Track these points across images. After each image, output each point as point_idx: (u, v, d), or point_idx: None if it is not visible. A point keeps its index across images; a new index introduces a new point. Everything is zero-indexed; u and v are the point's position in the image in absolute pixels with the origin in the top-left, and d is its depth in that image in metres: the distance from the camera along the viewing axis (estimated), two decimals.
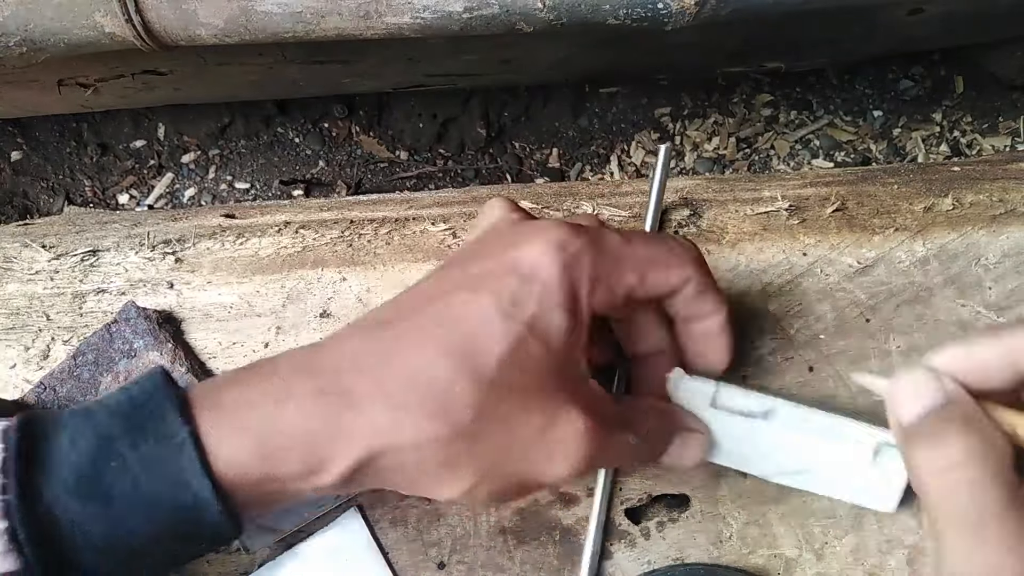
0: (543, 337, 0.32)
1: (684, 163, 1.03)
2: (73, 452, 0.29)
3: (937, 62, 1.05)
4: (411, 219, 0.47)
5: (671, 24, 0.49)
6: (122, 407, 0.30)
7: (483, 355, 0.31)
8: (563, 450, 0.33)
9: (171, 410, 0.30)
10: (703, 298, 0.37)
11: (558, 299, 0.33)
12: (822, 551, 0.43)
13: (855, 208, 0.47)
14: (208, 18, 0.48)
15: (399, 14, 0.48)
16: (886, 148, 1.03)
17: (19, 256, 0.46)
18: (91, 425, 0.30)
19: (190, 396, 0.31)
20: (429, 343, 0.32)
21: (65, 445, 0.29)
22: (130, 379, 0.43)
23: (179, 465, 0.29)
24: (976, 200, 0.47)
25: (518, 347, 0.32)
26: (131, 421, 0.30)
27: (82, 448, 0.29)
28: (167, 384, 0.31)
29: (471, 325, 0.32)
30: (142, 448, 0.29)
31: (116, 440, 0.29)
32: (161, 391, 0.31)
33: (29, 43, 0.48)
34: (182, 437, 0.29)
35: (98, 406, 0.31)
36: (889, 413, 0.34)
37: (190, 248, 0.46)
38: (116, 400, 0.31)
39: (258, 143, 1.02)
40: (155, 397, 0.31)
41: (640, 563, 0.43)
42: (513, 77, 0.93)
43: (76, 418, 0.30)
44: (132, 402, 0.31)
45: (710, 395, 0.39)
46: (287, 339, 0.44)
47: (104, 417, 0.30)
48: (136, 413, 0.30)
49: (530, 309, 0.32)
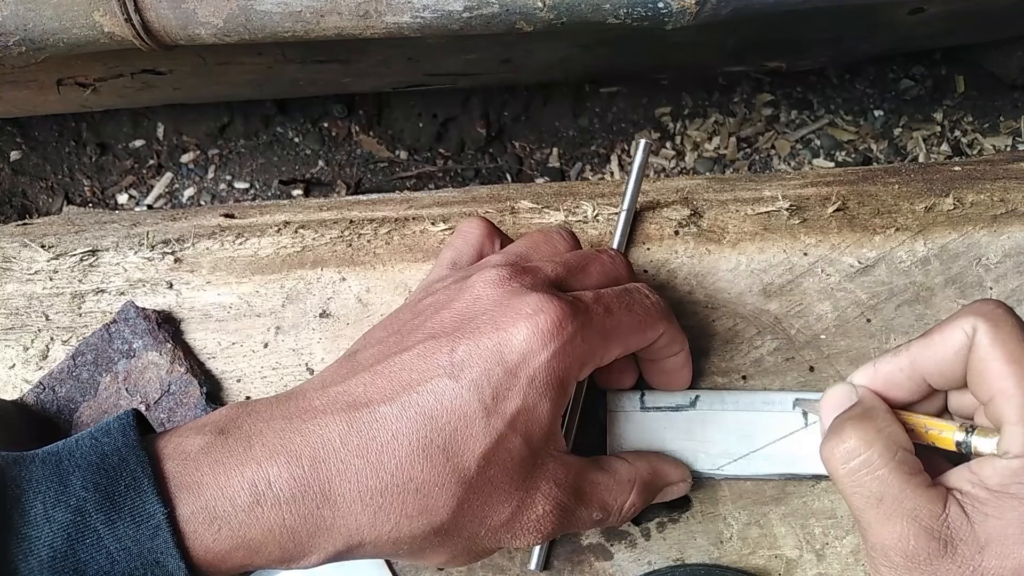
0: (524, 432, 0.33)
1: (685, 163, 1.03)
2: (48, 525, 0.29)
3: (938, 61, 1.05)
4: (411, 219, 0.47)
5: (671, 23, 0.49)
6: (95, 471, 0.30)
7: (464, 454, 0.32)
8: (525, 530, 0.34)
9: (147, 486, 0.29)
10: (672, 343, 0.39)
11: (543, 390, 0.33)
12: (823, 551, 0.43)
13: (856, 208, 0.47)
14: (207, 17, 0.48)
15: (399, 13, 0.48)
16: (887, 148, 1.03)
17: (18, 256, 0.46)
18: (66, 496, 0.29)
19: (164, 469, 0.30)
20: (410, 438, 0.31)
21: (40, 515, 0.29)
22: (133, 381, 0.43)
23: (155, 546, 0.29)
24: (977, 200, 0.47)
25: (498, 445, 0.32)
26: (104, 492, 0.29)
27: (57, 521, 0.29)
28: (139, 443, 0.31)
29: (453, 422, 0.32)
30: (118, 527, 0.29)
31: (91, 515, 0.29)
32: (134, 453, 0.30)
33: (28, 42, 0.48)
34: (159, 520, 0.29)
35: (70, 461, 0.30)
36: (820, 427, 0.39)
37: (189, 248, 0.46)
38: (88, 460, 0.30)
39: (257, 143, 1.02)
40: (129, 463, 0.30)
41: (641, 564, 0.42)
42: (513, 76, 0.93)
43: (51, 482, 0.29)
44: (105, 466, 0.30)
45: (637, 400, 0.42)
46: (287, 339, 0.44)
47: (79, 485, 0.29)
48: (111, 484, 0.29)
49: (513, 404, 0.32)
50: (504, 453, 0.33)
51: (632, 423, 0.42)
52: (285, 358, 0.44)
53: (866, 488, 0.34)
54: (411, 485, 0.31)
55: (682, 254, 0.45)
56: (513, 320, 0.33)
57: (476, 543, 0.34)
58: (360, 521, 0.31)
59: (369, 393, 0.32)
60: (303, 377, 0.44)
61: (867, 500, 0.34)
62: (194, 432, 0.32)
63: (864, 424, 0.35)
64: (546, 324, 0.33)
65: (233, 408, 0.33)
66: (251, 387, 0.44)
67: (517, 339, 0.32)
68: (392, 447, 0.31)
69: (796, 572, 0.43)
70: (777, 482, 0.43)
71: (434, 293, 0.36)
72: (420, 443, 0.31)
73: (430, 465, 0.31)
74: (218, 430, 0.32)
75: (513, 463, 0.33)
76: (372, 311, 0.45)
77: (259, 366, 0.44)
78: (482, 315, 0.33)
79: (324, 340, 0.44)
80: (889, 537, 0.34)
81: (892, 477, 0.34)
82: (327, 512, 0.31)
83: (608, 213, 0.47)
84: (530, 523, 0.34)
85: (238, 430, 0.32)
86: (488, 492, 0.33)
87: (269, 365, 0.44)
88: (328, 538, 0.31)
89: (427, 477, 0.31)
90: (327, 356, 0.44)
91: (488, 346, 0.32)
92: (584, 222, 0.46)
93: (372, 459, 0.31)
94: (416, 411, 0.32)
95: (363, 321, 0.45)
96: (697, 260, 0.45)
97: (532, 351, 0.32)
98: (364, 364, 0.34)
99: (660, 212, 0.47)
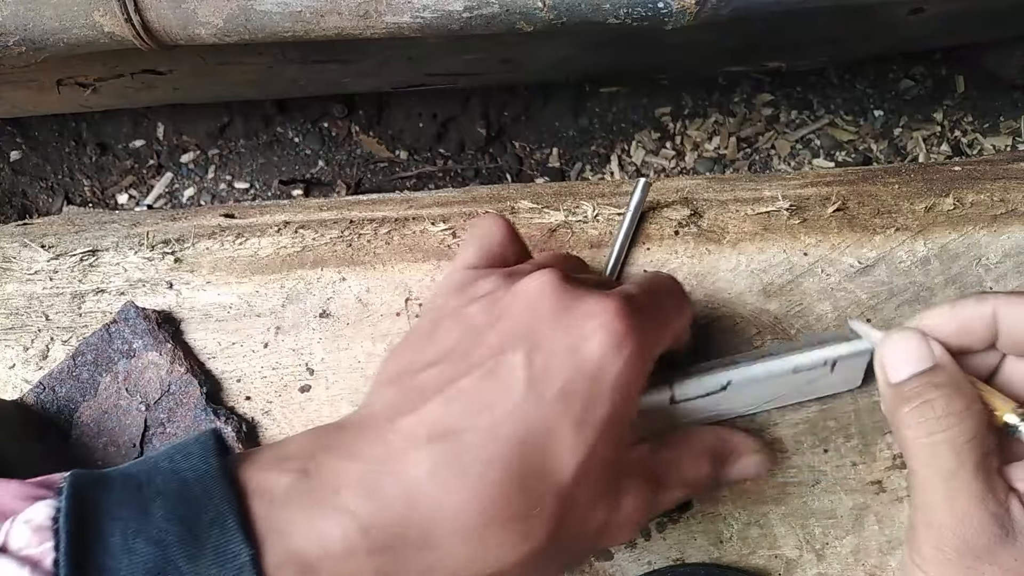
0: (613, 438, 0.32)
1: (685, 163, 1.03)
2: (126, 557, 0.27)
3: (938, 62, 1.05)
4: (411, 219, 0.47)
5: (671, 23, 0.49)
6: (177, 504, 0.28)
7: (558, 473, 0.30)
8: (621, 529, 0.34)
9: (232, 523, 0.27)
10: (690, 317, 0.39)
11: (625, 391, 0.32)
12: (823, 551, 0.43)
13: (856, 208, 0.47)
14: (207, 17, 0.48)
15: (399, 13, 0.48)
16: (887, 148, 1.03)
17: (18, 256, 0.46)
18: (147, 524, 0.27)
19: (252, 509, 0.28)
20: (502, 465, 0.30)
21: (118, 547, 0.27)
22: (133, 381, 0.43)
23: None
24: (977, 200, 0.47)
25: (590, 457, 0.31)
26: (187, 525, 0.27)
27: (137, 552, 0.27)
28: (221, 473, 0.29)
29: (543, 441, 0.30)
30: (199, 563, 0.27)
31: (172, 548, 0.27)
32: (218, 485, 0.28)
33: (28, 42, 0.48)
34: (243, 561, 0.27)
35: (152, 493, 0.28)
36: (877, 369, 0.37)
37: (189, 248, 0.46)
38: (169, 488, 0.28)
39: (257, 143, 1.02)
40: (213, 496, 0.28)
41: (640, 563, 0.42)
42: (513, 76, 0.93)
43: (131, 508, 0.28)
44: (187, 496, 0.28)
45: (667, 399, 0.40)
46: (287, 339, 0.44)
47: (160, 516, 0.27)
48: (194, 517, 0.28)
49: (601, 412, 0.31)
50: (597, 462, 0.31)
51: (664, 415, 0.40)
52: (285, 358, 0.44)
53: (941, 464, 0.33)
54: (509, 515, 0.30)
55: (682, 254, 0.45)
56: (581, 325, 0.32)
57: (575, 554, 0.34)
58: (459, 561, 0.29)
59: (448, 422, 0.30)
60: (303, 377, 0.44)
61: (939, 476, 0.33)
62: (275, 468, 0.30)
63: (955, 398, 0.34)
64: (615, 324, 0.32)
65: (310, 441, 0.32)
66: (251, 387, 0.44)
67: (591, 344, 0.31)
68: (486, 480, 0.29)
69: (796, 572, 0.43)
70: (777, 482, 0.43)
71: (478, 300, 0.34)
72: (514, 470, 0.30)
73: (526, 492, 0.30)
74: (301, 470, 0.30)
75: (605, 470, 0.32)
76: (372, 311, 0.45)
77: (259, 366, 0.44)
78: (546, 322, 0.32)
79: (324, 340, 0.44)
80: (951, 516, 0.33)
81: (969, 456, 0.33)
82: (427, 555, 0.29)
83: (608, 213, 0.47)
84: (623, 522, 0.34)
85: (321, 471, 0.30)
86: (584, 504, 0.32)
87: (269, 365, 0.44)
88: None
89: (525, 504, 0.30)
90: (327, 356, 0.44)
91: (564, 355, 0.31)
92: (584, 222, 0.46)
93: (466, 495, 0.29)
94: (503, 436, 0.30)
95: (363, 321, 0.45)
96: (697, 260, 0.45)
97: (609, 354, 0.31)
98: (432, 387, 0.32)
99: (660, 212, 0.47)
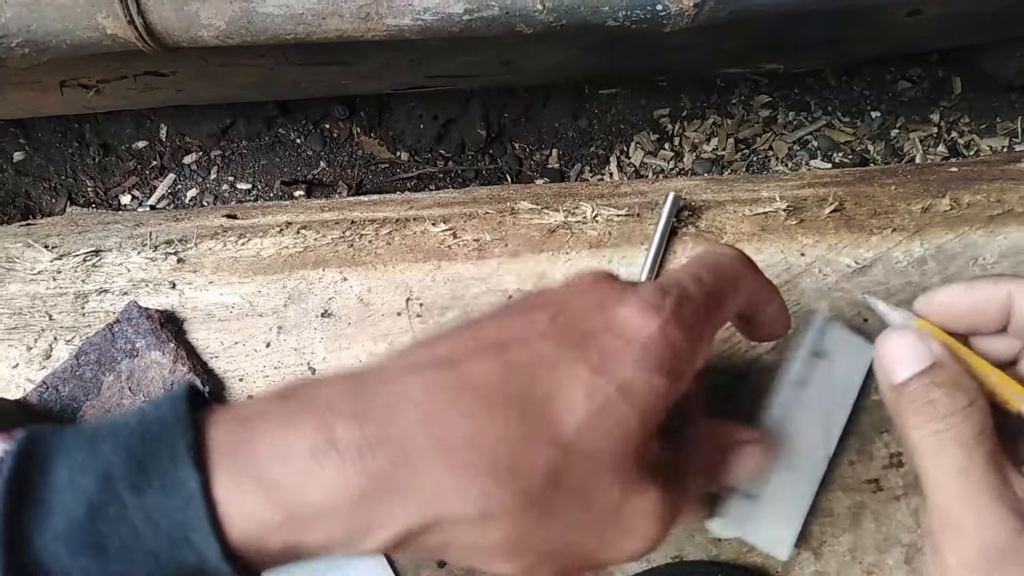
0: (636, 402, 0.28)
1: (683, 164, 1.03)
2: (70, 493, 0.25)
3: (935, 63, 1.05)
4: (412, 219, 0.47)
5: (670, 26, 0.49)
6: (132, 437, 0.26)
7: (563, 416, 0.27)
8: (640, 530, 0.29)
9: (183, 451, 0.25)
10: (766, 295, 0.36)
11: (658, 361, 0.28)
12: (820, 549, 0.43)
13: (853, 209, 0.47)
14: (210, 20, 0.48)
15: (400, 16, 0.48)
16: (884, 149, 1.03)
17: (22, 256, 0.46)
18: (94, 459, 0.25)
19: (208, 435, 0.26)
20: (502, 390, 0.27)
21: (63, 482, 0.25)
22: (136, 380, 0.43)
23: (184, 520, 0.24)
24: (973, 200, 0.47)
25: (604, 410, 0.27)
26: (137, 458, 0.25)
27: (81, 487, 0.25)
28: (187, 411, 0.26)
29: (555, 377, 0.27)
30: (146, 495, 0.25)
31: (118, 481, 0.25)
32: (180, 421, 0.26)
33: (31, 44, 0.49)
34: (190, 488, 0.25)
35: (108, 430, 0.26)
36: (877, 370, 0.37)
37: (192, 248, 0.46)
38: (128, 425, 0.26)
39: (260, 144, 1.02)
40: (170, 428, 0.26)
41: (640, 561, 0.43)
42: (513, 78, 0.93)
43: (81, 448, 0.26)
44: (144, 431, 0.26)
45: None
46: (289, 339, 0.45)
47: (109, 450, 0.25)
48: (145, 448, 0.25)
49: (625, 370, 0.28)
50: (610, 421, 0.27)
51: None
52: (287, 357, 0.44)
53: (950, 462, 0.33)
54: (501, 440, 0.26)
55: (680, 254, 0.46)
56: (618, 302, 0.29)
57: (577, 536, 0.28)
58: (442, 484, 0.26)
59: (457, 353, 0.28)
60: (305, 376, 0.44)
61: (949, 474, 0.33)
62: (251, 402, 0.28)
63: (958, 395, 0.34)
64: (654, 301, 0.29)
65: (298, 379, 0.30)
66: (253, 386, 0.44)
67: (624, 313, 0.29)
68: (482, 401, 0.27)
69: (793, 570, 0.43)
70: None
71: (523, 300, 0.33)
72: (514, 397, 0.27)
73: (523, 420, 0.27)
74: (278, 396, 0.28)
75: (619, 437, 0.28)
76: (373, 311, 0.45)
77: (261, 365, 0.44)
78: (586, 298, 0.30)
79: (326, 340, 0.45)
80: (967, 515, 0.32)
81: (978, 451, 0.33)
82: (402, 472, 0.25)
83: (608, 214, 0.47)
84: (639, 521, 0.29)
85: (301, 395, 0.27)
86: (587, 466, 0.27)
87: (271, 364, 0.44)
88: (401, 507, 0.26)
89: (519, 432, 0.26)
90: (328, 355, 0.44)
91: (594, 316, 0.29)
92: (583, 223, 0.47)
93: (457, 410, 0.26)
94: (512, 365, 0.27)
95: (364, 321, 0.45)
96: None
97: (644, 322, 0.29)
98: (448, 333, 0.29)
99: None
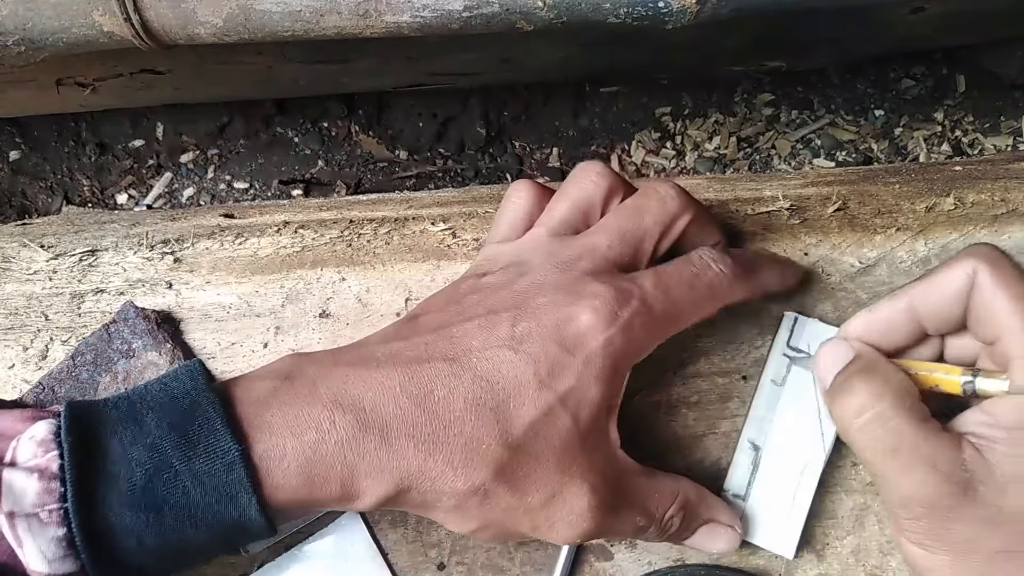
0: (574, 411, 0.34)
1: (685, 163, 1.03)
2: (126, 463, 0.31)
3: (939, 61, 1.05)
4: (411, 219, 0.47)
5: (672, 23, 0.49)
6: (169, 412, 0.32)
7: (513, 420, 0.33)
8: (564, 522, 0.35)
9: (221, 426, 0.31)
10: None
11: (598, 372, 0.34)
12: (823, 552, 0.43)
13: (856, 208, 0.47)
14: (207, 17, 0.48)
15: (398, 13, 0.48)
16: (888, 147, 1.02)
17: (17, 256, 0.46)
18: (143, 435, 0.31)
19: (238, 412, 0.33)
20: (464, 395, 0.33)
21: (119, 454, 0.31)
22: (132, 381, 0.43)
23: (229, 481, 0.31)
24: (978, 200, 0.47)
25: (546, 417, 0.33)
26: (180, 432, 0.31)
27: (135, 459, 0.31)
28: (208, 387, 0.33)
29: (507, 388, 0.33)
30: (194, 463, 0.31)
31: (167, 452, 0.31)
32: (204, 395, 0.32)
33: (27, 42, 0.48)
34: (233, 456, 0.31)
35: (144, 404, 0.32)
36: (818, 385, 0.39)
37: (189, 248, 0.46)
38: (159, 402, 0.32)
39: (257, 143, 1.02)
40: (201, 404, 0.32)
41: (641, 564, 0.42)
42: (513, 76, 0.93)
43: (127, 424, 0.32)
44: (177, 408, 0.32)
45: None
46: (286, 339, 0.44)
47: (153, 425, 0.31)
48: (185, 423, 0.32)
49: (567, 382, 0.34)
50: (551, 428, 0.34)
51: None
52: None
53: (881, 441, 0.34)
54: (460, 438, 0.33)
55: None
56: (573, 304, 0.34)
57: (511, 518, 0.34)
58: (411, 464, 0.33)
59: (431, 352, 0.34)
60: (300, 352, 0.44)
61: (883, 453, 0.34)
62: (259, 379, 0.34)
63: (871, 377, 0.35)
64: (606, 310, 0.34)
65: (294, 356, 0.36)
66: None
67: (576, 322, 0.34)
68: (447, 401, 0.33)
69: (796, 572, 0.43)
70: None
71: (494, 273, 0.38)
72: (473, 401, 0.33)
73: (480, 422, 0.33)
74: (284, 376, 0.34)
75: (560, 441, 0.34)
76: (372, 311, 0.45)
77: (259, 366, 0.44)
78: (543, 297, 0.35)
79: (324, 340, 0.44)
80: (908, 487, 0.34)
81: (905, 426, 0.34)
82: (383, 453, 0.32)
83: None
84: (570, 515, 0.34)
85: (303, 376, 0.34)
86: (531, 465, 0.34)
87: None
88: (381, 478, 0.33)
89: (475, 433, 0.33)
90: None
91: (548, 325, 0.34)
92: None
93: (427, 409, 0.33)
94: (474, 373, 0.33)
95: (363, 321, 0.44)
96: None
97: (590, 334, 0.34)
98: (426, 327, 0.36)
99: None
